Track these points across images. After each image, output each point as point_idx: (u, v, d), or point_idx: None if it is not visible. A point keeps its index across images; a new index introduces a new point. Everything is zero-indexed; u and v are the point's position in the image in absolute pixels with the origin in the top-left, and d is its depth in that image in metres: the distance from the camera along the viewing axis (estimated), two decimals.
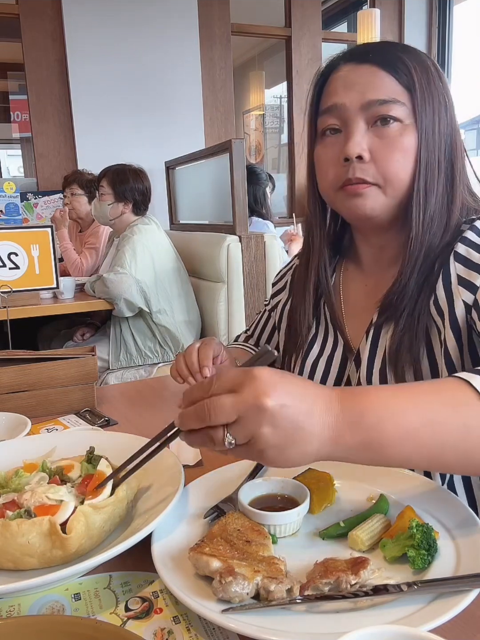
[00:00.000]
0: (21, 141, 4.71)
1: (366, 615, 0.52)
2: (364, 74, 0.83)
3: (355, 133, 0.82)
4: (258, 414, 0.52)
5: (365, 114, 0.82)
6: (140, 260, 2.45)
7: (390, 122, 0.81)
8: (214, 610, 0.52)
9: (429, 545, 0.57)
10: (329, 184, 0.87)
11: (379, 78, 0.81)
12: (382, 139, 0.82)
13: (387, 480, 0.73)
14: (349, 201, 0.85)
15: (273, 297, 1.16)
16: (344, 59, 0.86)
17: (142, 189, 2.65)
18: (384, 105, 0.80)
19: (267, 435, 0.52)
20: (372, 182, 0.82)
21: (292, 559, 0.60)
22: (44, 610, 0.56)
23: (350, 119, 0.83)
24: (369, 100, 0.81)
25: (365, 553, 0.61)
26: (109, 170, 2.67)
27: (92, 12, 3.64)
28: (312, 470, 0.74)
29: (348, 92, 0.83)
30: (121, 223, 2.67)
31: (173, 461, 0.74)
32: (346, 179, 0.83)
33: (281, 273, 1.16)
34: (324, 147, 0.87)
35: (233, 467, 0.79)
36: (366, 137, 0.82)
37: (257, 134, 5.94)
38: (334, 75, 0.86)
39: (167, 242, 2.64)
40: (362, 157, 0.81)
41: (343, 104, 0.83)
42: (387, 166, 0.81)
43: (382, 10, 4.20)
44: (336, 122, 0.85)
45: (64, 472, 0.70)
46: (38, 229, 2.21)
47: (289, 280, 1.11)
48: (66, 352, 1.23)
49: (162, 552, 0.60)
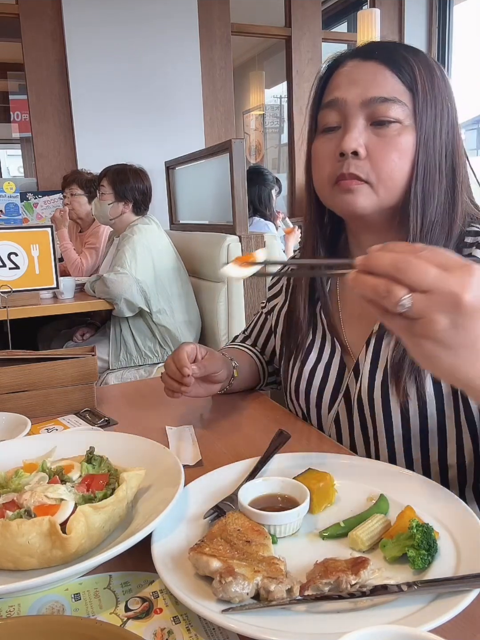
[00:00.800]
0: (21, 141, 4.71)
1: (366, 615, 0.52)
2: (367, 70, 0.83)
3: (353, 129, 0.82)
4: (452, 301, 0.48)
5: (366, 111, 0.82)
6: (141, 260, 2.45)
7: (390, 124, 0.81)
8: (214, 610, 0.52)
9: (429, 546, 0.57)
10: (324, 179, 0.87)
11: (382, 76, 0.81)
12: (379, 137, 0.81)
13: (387, 480, 0.73)
14: (341, 197, 0.85)
15: (270, 301, 1.16)
16: (350, 55, 0.86)
17: (143, 189, 2.65)
18: (384, 103, 0.80)
19: (444, 326, 0.49)
20: (364, 179, 0.82)
21: (292, 559, 0.60)
22: (44, 610, 0.56)
23: (350, 114, 0.83)
24: (370, 97, 0.81)
25: (365, 553, 0.61)
26: (110, 169, 2.68)
27: (92, 12, 3.64)
28: (312, 471, 0.74)
29: (350, 87, 0.83)
30: (121, 223, 2.67)
31: (173, 461, 0.74)
32: (340, 173, 0.83)
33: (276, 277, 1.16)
34: (321, 142, 0.87)
35: (233, 467, 0.79)
36: (364, 133, 0.82)
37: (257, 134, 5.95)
38: (339, 70, 0.86)
39: (167, 242, 2.64)
40: (358, 152, 0.81)
41: (344, 98, 0.83)
42: (381, 165, 0.81)
43: (382, 10, 4.20)
44: (336, 118, 0.85)
45: (63, 472, 0.70)
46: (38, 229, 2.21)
47: (285, 284, 1.11)
48: (66, 352, 1.23)
49: (162, 552, 0.60)
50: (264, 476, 0.75)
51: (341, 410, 0.95)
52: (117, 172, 2.65)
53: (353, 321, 0.96)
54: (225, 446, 0.92)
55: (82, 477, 0.69)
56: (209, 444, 0.92)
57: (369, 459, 0.85)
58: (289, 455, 0.83)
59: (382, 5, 4.50)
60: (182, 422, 1.02)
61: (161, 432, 0.98)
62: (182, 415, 1.06)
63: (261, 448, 0.85)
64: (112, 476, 0.69)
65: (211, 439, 0.94)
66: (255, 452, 0.84)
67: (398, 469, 0.78)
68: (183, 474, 0.70)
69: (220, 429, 1.03)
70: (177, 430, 0.98)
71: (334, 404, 0.95)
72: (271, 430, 0.91)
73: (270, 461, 0.81)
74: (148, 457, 0.76)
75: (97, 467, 0.71)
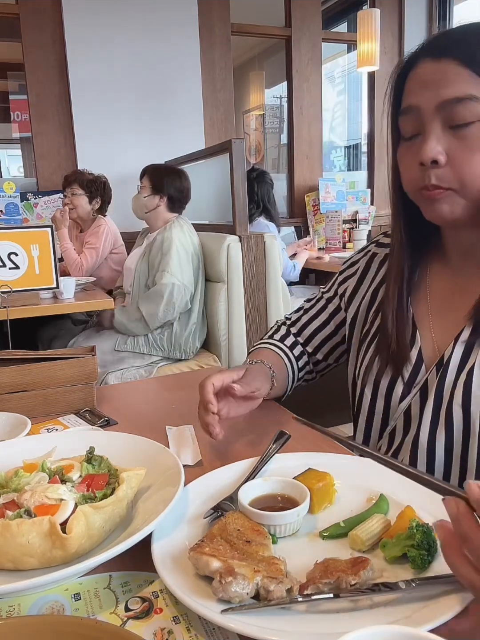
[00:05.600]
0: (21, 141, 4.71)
1: (366, 615, 0.52)
2: (439, 70, 0.77)
3: (430, 137, 0.78)
4: None
5: (442, 115, 0.77)
6: (185, 264, 2.53)
7: (469, 124, 0.76)
8: (214, 610, 0.52)
9: (429, 546, 0.57)
10: (410, 187, 0.85)
11: (454, 74, 0.76)
12: (460, 140, 0.77)
13: (387, 480, 0.73)
14: (428, 206, 0.83)
15: (340, 285, 1.10)
16: (422, 54, 0.81)
17: (180, 187, 2.70)
18: (460, 103, 0.75)
19: None
20: (447, 187, 0.79)
21: (292, 559, 0.60)
22: (44, 610, 0.56)
23: (426, 121, 0.79)
24: (442, 100, 0.77)
25: (365, 553, 0.61)
26: (150, 166, 2.78)
27: (92, 13, 3.64)
28: (312, 470, 0.74)
29: (423, 91, 0.79)
30: (156, 216, 2.72)
31: (173, 461, 0.74)
32: (423, 185, 0.81)
33: (352, 260, 1.11)
34: (403, 151, 0.85)
35: (233, 468, 0.79)
36: (443, 139, 0.78)
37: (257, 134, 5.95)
38: (412, 72, 0.82)
39: (196, 245, 2.67)
40: (438, 161, 0.78)
41: (418, 105, 0.79)
42: (464, 170, 0.78)
43: (382, 10, 4.20)
44: (414, 125, 0.81)
45: (64, 472, 0.70)
46: (38, 229, 2.21)
47: (362, 267, 1.07)
48: (66, 352, 1.23)
49: (162, 552, 0.60)
50: (264, 476, 0.75)
51: (414, 403, 0.91)
52: (157, 167, 2.78)
53: (441, 313, 0.92)
54: (225, 446, 0.92)
55: (82, 477, 0.69)
56: (209, 444, 0.92)
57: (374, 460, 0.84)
58: (289, 455, 0.83)
59: (382, 5, 4.50)
60: (182, 422, 1.02)
61: (161, 432, 0.98)
62: (182, 415, 1.06)
63: (261, 448, 0.85)
64: (112, 476, 0.69)
65: (211, 439, 0.94)
66: (256, 452, 0.84)
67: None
68: (183, 474, 0.70)
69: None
70: (177, 430, 0.98)
71: (405, 396, 0.92)
72: (271, 430, 0.91)
73: (270, 461, 0.81)
74: (148, 457, 0.76)
75: (97, 467, 0.71)
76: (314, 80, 4.57)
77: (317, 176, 4.59)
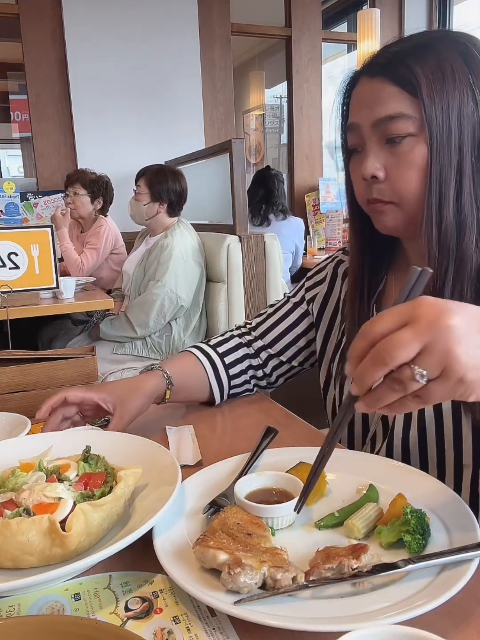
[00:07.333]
0: (21, 141, 4.71)
1: (368, 598, 0.54)
2: (374, 89, 0.80)
3: (369, 154, 0.81)
4: (445, 334, 0.47)
5: (377, 132, 0.80)
6: (182, 275, 2.52)
7: (402, 139, 0.78)
8: (223, 601, 0.52)
9: (424, 530, 0.59)
10: (359, 199, 0.87)
11: (386, 92, 0.78)
12: (395, 156, 0.80)
13: (375, 471, 0.76)
14: (375, 217, 0.86)
15: (308, 291, 1.10)
16: (362, 72, 0.83)
17: (179, 190, 2.67)
18: (392, 121, 0.78)
19: (463, 354, 0.48)
20: (388, 200, 0.82)
21: (291, 549, 0.60)
22: (44, 610, 0.56)
23: (365, 138, 0.82)
24: (377, 119, 0.79)
25: (361, 540, 0.62)
26: (147, 170, 2.71)
27: (92, 12, 3.64)
28: (304, 464, 0.75)
29: (361, 109, 0.81)
30: (156, 222, 2.70)
31: (169, 459, 0.74)
32: (368, 197, 0.83)
33: (320, 266, 1.11)
34: (352, 165, 0.87)
35: (226, 463, 0.80)
36: (381, 154, 0.81)
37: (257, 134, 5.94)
38: (354, 90, 0.84)
39: (198, 248, 2.66)
40: (377, 176, 0.80)
41: (357, 123, 0.82)
42: (399, 185, 0.80)
43: (382, 10, 4.21)
44: (356, 141, 0.84)
45: (60, 471, 0.70)
46: (38, 229, 2.21)
47: (330, 272, 1.08)
48: (66, 352, 1.23)
49: (164, 548, 0.60)
50: (258, 471, 0.77)
51: None
52: (155, 172, 2.67)
53: None
54: (225, 446, 0.92)
55: (79, 476, 0.69)
56: (208, 443, 0.92)
57: (360, 452, 0.89)
58: (281, 449, 0.85)
59: (382, 5, 4.50)
60: (182, 422, 1.02)
61: (161, 432, 0.98)
62: (182, 415, 1.06)
63: None
64: (109, 475, 0.69)
65: (211, 439, 0.94)
66: None
67: (384, 460, 0.81)
68: (180, 471, 0.70)
69: (220, 428, 1.03)
70: (177, 430, 0.98)
71: None
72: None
73: (263, 456, 0.82)
74: (144, 456, 0.76)
75: (93, 466, 0.71)
76: (314, 80, 4.57)
77: (317, 176, 4.59)
